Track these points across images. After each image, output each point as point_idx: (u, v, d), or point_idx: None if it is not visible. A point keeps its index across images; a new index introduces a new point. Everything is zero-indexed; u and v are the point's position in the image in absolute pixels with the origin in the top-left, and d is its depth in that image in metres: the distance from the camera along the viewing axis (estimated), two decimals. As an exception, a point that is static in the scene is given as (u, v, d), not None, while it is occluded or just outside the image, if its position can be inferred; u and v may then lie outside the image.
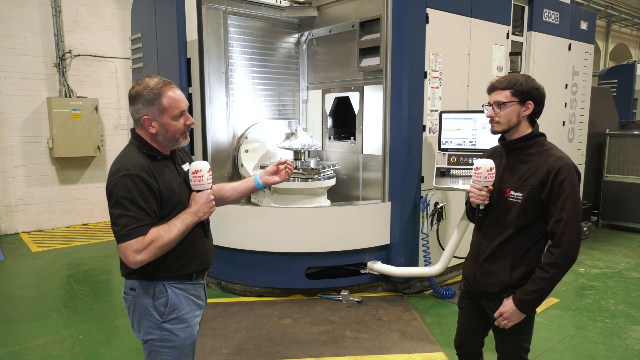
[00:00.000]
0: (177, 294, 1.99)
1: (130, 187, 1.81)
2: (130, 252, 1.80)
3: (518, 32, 5.59)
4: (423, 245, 4.55)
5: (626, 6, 15.74)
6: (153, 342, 1.98)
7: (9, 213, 7.05)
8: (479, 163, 2.16)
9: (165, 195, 1.91)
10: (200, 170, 1.97)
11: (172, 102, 1.92)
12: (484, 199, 2.19)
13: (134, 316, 2.00)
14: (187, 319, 2.02)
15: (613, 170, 7.13)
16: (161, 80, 1.93)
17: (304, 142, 4.74)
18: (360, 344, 3.62)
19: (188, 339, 2.03)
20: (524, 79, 2.12)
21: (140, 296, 1.96)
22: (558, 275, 2.05)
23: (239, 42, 5.08)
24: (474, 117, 4.08)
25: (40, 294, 4.74)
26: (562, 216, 2.00)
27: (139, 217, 1.81)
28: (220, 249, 4.40)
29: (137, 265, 1.83)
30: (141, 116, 1.91)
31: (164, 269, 1.94)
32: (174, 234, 1.88)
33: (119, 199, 1.81)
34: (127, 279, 1.98)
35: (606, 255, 5.99)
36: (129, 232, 1.79)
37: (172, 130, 1.94)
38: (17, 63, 6.92)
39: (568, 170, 2.02)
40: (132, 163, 1.86)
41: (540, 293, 2.08)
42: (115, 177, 1.83)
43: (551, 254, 2.05)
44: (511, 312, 2.16)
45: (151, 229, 1.83)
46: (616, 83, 9.71)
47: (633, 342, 3.70)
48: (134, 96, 1.91)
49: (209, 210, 2.02)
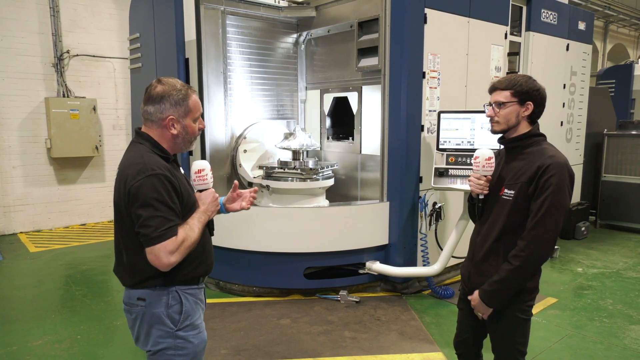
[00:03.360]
0: (189, 299, 1.96)
1: (158, 187, 1.77)
2: (165, 253, 1.75)
3: (516, 33, 5.59)
4: (421, 245, 4.55)
5: (624, 6, 15.77)
6: (165, 351, 1.91)
7: (7, 213, 7.03)
8: (478, 152, 2.22)
9: (184, 196, 1.90)
10: (204, 169, 1.97)
11: (196, 105, 1.95)
12: (482, 188, 2.21)
13: (142, 327, 1.92)
14: (198, 324, 2.00)
15: (611, 170, 7.14)
16: (184, 83, 1.95)
17: (303, 142, 4.74)
18: (358, 344, 3.62)
19: (201, 344, 2.00)
20: (524, 80, 2.13)
21: (151, 305, 1.89)
22: (521, 270, 2.05)
23: (238, 42, 5.08)
24: (472, 117, 4.08)
25: (38, 295, 4.73)
26: (538, 214, 2.01)
27: (169, 217, 1.78)
28: (219, 249, 4.39)
29: (170, 267, 1.79)
30: (166, 116, 1.88)
31: (179, 272, 1.89)
32: (197, 233, 1.88)
33: (147, 200, 1.75)
34: (134, 288, 1.90)
35: (604, 255, 6.00)
36: (162, 232, 1.75)
37: (191, 132, 1.95)
38: (15, 63, 6.91)
39: (557, 169, 2.01)
40: (155, 162, 1.82)
41: (502, 284, 2.09)
42: (139, 177, 1.77)
43: (517, 246, 2.07)
44: (476, 303, 2.19)
45: (179, 229, 1.81)
46: (614, 83, 9.73)
47: (631, 341, 3.70)
48: (160, 96, 1.87)
49: (215, 209, 2.02)
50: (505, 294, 2.12)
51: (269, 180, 4.73)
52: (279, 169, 4.75)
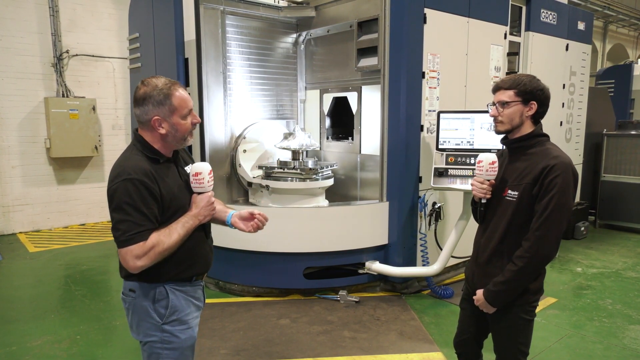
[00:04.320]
0: (178, 295, 1.99)
1: (131, 191, 1.79)
2: (131, 257, 1.79)
3: (516, 33, 5.59)
4: (421, 245, 4.55)
5: (623, 7, 15.79)
6: (153, 343, 1.97)
7: (6, 213, 7.03)
8: (481, 156, 2.20)
9: (166, 200, 1.89)
10: (201, 173, 1.96)
11: (181, 102, 1.91)
12: (485, 192, 2.20)
13: (133, 318, 1.99)
14: (187, 320, 2.02)
15: (610, 170, 7.15)
16: (168, 80, 1.92)
17: (302, 142, 4.74)
18: (358, 344, 3.62)
19: (189, 340, 2.03)
20: (528, 80, 2.12)
21: (140, 298, 1.95)
22: (526, 270, 2.05)
23: (237, 42, 5.08)
24: (471, 117, 4.08)
25: (37, 295, 4.72)
26: (543, 215, 2.00)
27: (140, 222, 1.80)
28: (218, 249, 4.37)
29: (137, 270, 1.82)
30: (151, 117, 1.88)
31: (164, 273, 1.93)
32: (174, 239, 1.87)
33: (120, 204, 1.79)
34: (127, 280, 1.97)
35: (603, 255, 6.00)
36: (130, 237, 1.78)
37: (182, 129, 1.94)
38: (15, 63, 6.90)
39: (561, 169, 2.00)
40: (134, 167, 1.84)
41: (506, 285, 2.08)
42: (116, 181, 1.81)
43: (521, 247, 2.06)
44: (480, 303, 2.18)
45: (152, 234, 1.82)
46: (613, 83, 9.74)
47: (630, 341, 3.71)
48: (143, 98, 1.88)
49: (210, 213, 2.01)
50: (509, 294, 2.11)
51: (268, 180, 4.73)
52: (278, 169, 4.75)
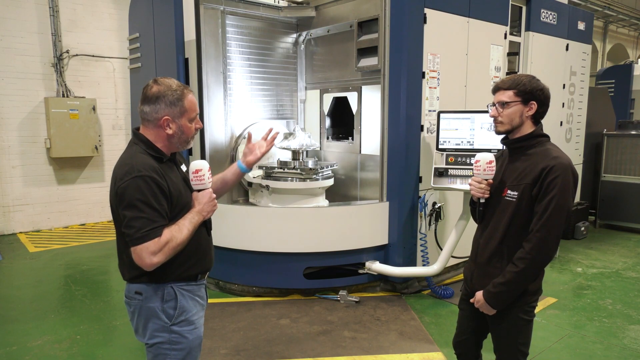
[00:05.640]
0: (185, 295, 1.99)
1: (143, 188, 1.80)
2: (147, 254, 1.79)
3: (516, 33, 5.59)
4: (421, 245, 4.55)
5: (623, 7, 15.79)
6: (160, 345, 1.96)
7: (6, 213, 7.03)
8: (479, 156, 2.20)
9: (175, 196, 1.91)
10: (201, 170, 1.98)
11: (192, 105, 1.97)
12: (483, 192, 2.20)
13: (139, 320, 1.97)
14: (194, 320, 2.02)
15: (610, 170, 7.15)
16: (180, 83, 1.97)
17: (302, 142, 4.74)
18: (358, 344, 3.62)
19: (196, 340, 2.03)
20: (528, 80, 2.12)
21: (147, 299, 1.94)
22: (527, 272, 2.04)
23: (237, 42, 5.08)
24: (471, 117, 4.08)
25: (37, 295, 4.72)
26: (544, 216, 2.00)
27: (153, 219, 1.80)
28: (219, 249, 4.39)
29: (153, 267, 1.82)
30: (161, 116, 1.91)
31: (172, 271, 1.93)
32: (185, 234, 1.89)
33: (132, 201, 1.79)
34: (132, 282, 1.95)
35: (604, 255, 6.00)
36: (145, 234, 1.78)
37: (187, 132, 1.98)
38: (15, 63, 6.90)
39: (561, 170, 2.00)
40: (143, 164, 1.85)
41: (507, 286, 2.08)
42: (126, 178, 1.81)
43: (522, 248, 2.06)
44: (480, 304, 2.17)
45: (164, 230, 1.83)
46: (613, 83, 9.74)
47: (630, 341, 3.71)
48: (156, 96, 1.90)
49: (212, 209, 2.04)
50: (510, 295, 2.11)
51: (268, 180, 4.73)
52: (278, 169, 4.75)
